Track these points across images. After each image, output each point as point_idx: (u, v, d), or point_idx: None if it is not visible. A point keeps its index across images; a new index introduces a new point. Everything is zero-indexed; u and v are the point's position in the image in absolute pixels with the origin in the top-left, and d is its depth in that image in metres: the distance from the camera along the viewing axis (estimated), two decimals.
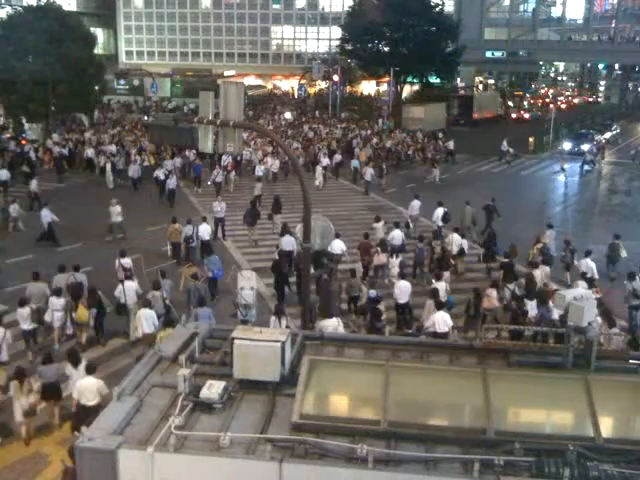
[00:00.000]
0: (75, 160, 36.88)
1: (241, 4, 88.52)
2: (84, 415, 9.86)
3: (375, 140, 44.15)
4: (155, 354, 7.59)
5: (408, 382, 6.87)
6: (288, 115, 59.03)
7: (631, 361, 7.28)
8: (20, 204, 25.23)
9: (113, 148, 36.66)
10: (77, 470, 6.11)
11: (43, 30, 38.44)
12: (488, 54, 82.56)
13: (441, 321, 13.84)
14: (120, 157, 35.00)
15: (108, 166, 32.69)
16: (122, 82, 72.39)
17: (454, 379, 6.93)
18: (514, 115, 70.09)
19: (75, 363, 11.77)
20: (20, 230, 24.38)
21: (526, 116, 70.93)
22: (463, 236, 20.58)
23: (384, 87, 65.23)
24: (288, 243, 19.22)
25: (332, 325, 12.99)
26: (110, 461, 5.87)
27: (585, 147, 42.76)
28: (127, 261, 17.55)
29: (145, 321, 13.93)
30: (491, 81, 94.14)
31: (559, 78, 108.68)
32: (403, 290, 16.04)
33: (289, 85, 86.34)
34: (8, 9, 49.23)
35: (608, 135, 53.03)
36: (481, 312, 15.56)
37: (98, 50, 58.74)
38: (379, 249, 19.23)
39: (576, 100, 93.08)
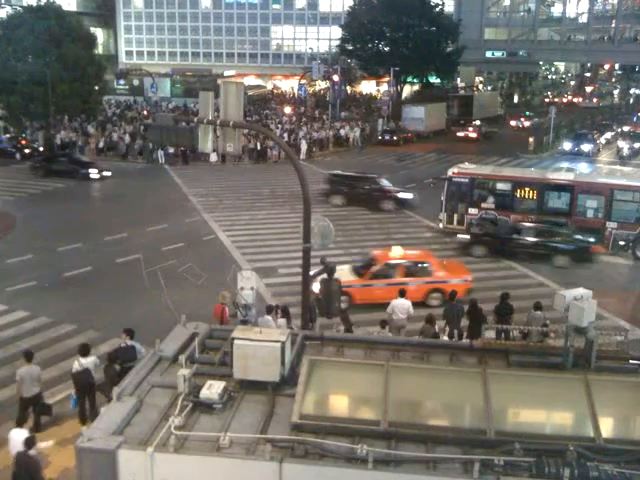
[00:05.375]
0: None
1: (241, 4, 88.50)
2: None
3: None
4: (155, 354, 7.58)
5: (408, 382, 6.84)
6: (288, 110, 58.98)
7: (631, 361, 7.28)
8: None
9: None
10: (77, 470, 6.10)
11: (43, 30, 38.42)
12: (488, 54, 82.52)
13: None
14: None
15: None
16: (122, 82, 72.42)
17: (454, 379, 6.92)
18: (513, 123, 62.78)
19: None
20: None
21: (526, 124, 62.45)
22: None
23: (384, 87, 65.17)
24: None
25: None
26: (110, 461, 5.86)
27: (585, 147, 42.31)
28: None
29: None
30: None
31: (554, 77, 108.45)
32: None
33: (289, 85, 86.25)
34: (8, 9, 49.18)
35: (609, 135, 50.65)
36: None
37: (98, 50, 58.64)
38: None
39: (575, 100, 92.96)
